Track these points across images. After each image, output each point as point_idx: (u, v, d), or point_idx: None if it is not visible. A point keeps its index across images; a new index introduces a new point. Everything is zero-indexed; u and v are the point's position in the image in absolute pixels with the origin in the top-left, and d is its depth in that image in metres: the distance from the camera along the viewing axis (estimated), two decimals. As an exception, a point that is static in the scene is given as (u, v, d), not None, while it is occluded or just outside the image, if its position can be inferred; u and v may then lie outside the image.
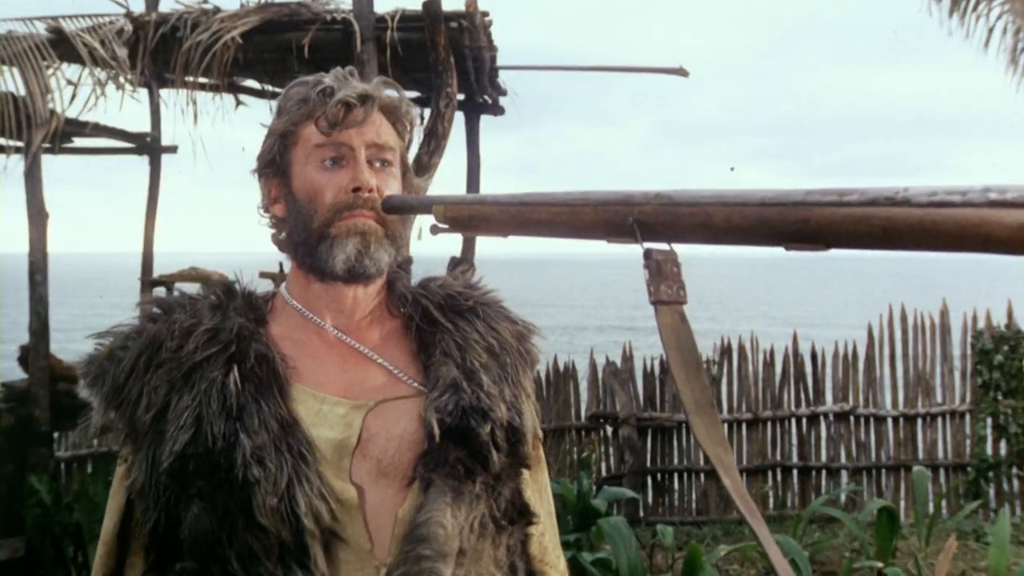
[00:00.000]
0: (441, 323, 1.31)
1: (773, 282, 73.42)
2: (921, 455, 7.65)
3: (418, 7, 4.70)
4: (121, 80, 4.92)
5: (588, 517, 4.70)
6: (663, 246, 0.89)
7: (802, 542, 4.99)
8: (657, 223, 0.87)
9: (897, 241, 0.69)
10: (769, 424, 7.93)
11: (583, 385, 8.17)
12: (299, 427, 1.18)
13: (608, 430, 7.92)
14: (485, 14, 4.85)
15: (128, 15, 5.15)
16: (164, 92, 6.24)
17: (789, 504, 7.73)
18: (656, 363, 8.11)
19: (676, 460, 8.01)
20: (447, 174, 5.75)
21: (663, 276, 0.87)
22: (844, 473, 7.79)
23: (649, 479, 7.86)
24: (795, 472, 7.87)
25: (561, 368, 8.06)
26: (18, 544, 5.10)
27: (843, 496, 7.14)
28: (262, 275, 6.57)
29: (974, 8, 7.75)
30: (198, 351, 1.20)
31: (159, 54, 5.06)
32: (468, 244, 5.86)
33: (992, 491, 7.20)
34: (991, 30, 7.71)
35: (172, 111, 5.48)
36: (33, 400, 5.36)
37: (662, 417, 8.00)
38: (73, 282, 57.67)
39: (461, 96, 5.43)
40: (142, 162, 6.95)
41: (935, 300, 7.97)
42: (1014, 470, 7.20)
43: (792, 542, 3.82)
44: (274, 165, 1.31)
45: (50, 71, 4.99)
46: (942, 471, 7.58)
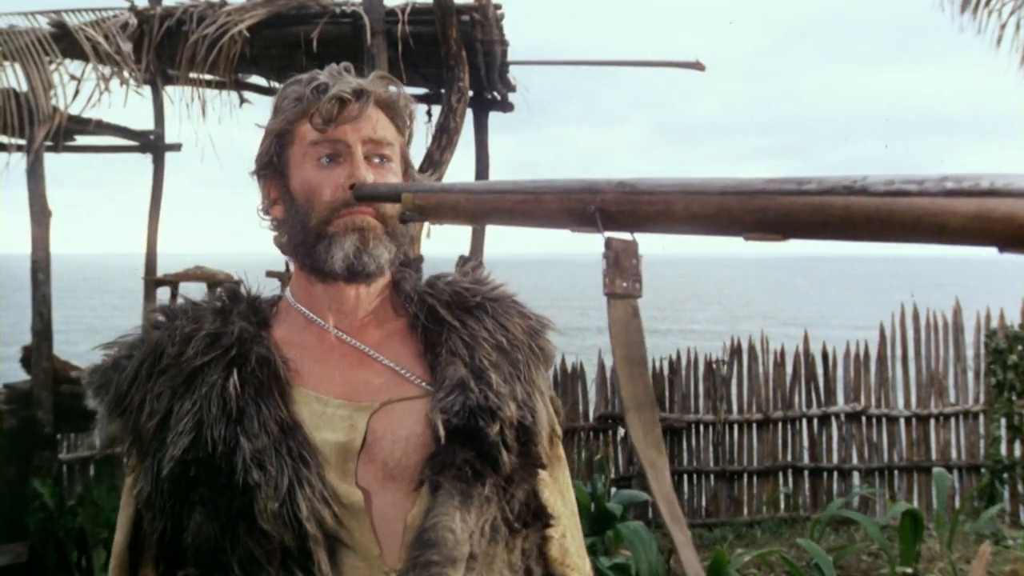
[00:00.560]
0: (448, 321, 1.27)
1: (772, 283, 73.38)
2: (934, 456, 7.56)
3: (429, 0, 4.62)
4: (125, 75, 4.81)
5: (603, 521, 4.60)
6: (625, 236, 0.86)
7: (819, 545, 4.89)
8: (619, 212, 0.85)
9: (854, 231, 0.68)
10: (780, 425, 7.85)
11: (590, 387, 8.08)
12: (300, 430, 1.16)
13: (622, 432, 7.83)
14: (498, 7, 4.76)
15: (132, 9, 5.05)
16: (168, 90, 6.13)
17: (801, 506, 7.65)
18: (665, 364, 8.03)
19: (686, 461, 7.93)
20: (454, 172, 5.67)
21: (620, 268, 0.86)
22: (856, 474, 7.71)
23: (658, 481, 7.75)
24: (806, 473, 7.79)
25: (569, 369, 7.97)
26: (21, 549, 5.01)
27: (856, 499, 7.04)
28: (268, 274, 6.49)
29: (986, 4, 7.66)
30: (198, 356, 1.19)
31: (164, 49, 4.96)
32: (477, 242, 5.78)
33: (1007, 493, 7.10)
34: (1003, 26, 7.63)
35: (177, 106, 5.38)
36: (36, 402, 5.26)
37: (671, 418, 7.91)
38: (75, 283, 57.58)
39: (470, 92, 5.34)
40: (144, 162, 6.86)
41: (938, 299, 7.89)
42: (1030, 471, 7.12)
43: (816, 547, 3.72)
44: (272, 166, 1.28)
45: (53, 66, 4.89)
46: (956, 472, 7.49)
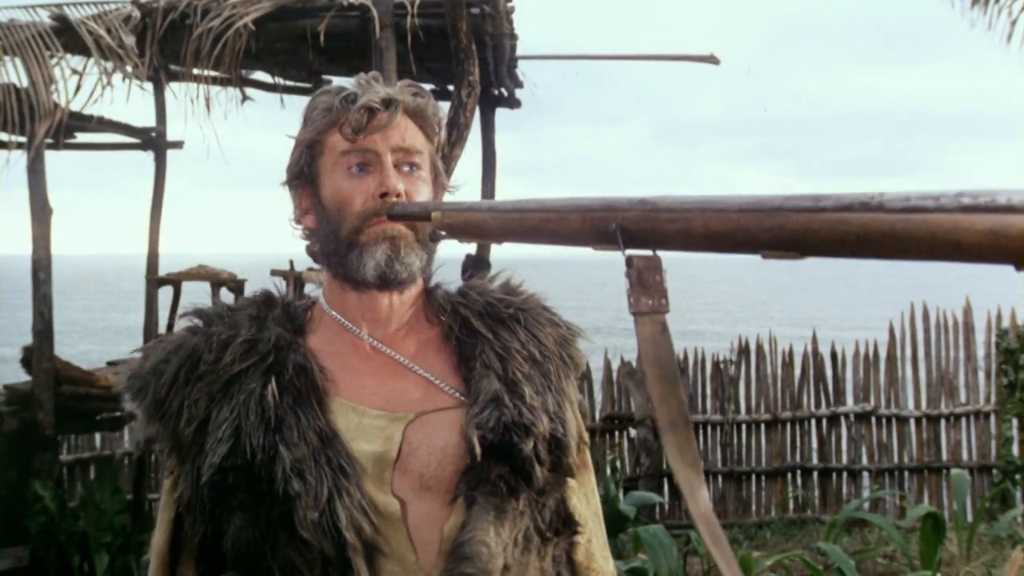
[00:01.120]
0: (481, 333, 1.28)
1: (770, 283, 73.35)
2: (945, 457, 7.49)
3: (438, -7, 4.53)
4: (128, 69, 4.71)
5: (616, 523, 4.51)
6: (647, 253, 0.86)
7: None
8: (640, 229, 0.85)
9: (871, 248, 0.68)
10: (788, 425, 7.78)
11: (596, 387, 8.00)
12: (338, 440, 1.17)
13: (631, 432, 7.75)
14: (508, 0, 4.67)
15: (135, 2, 4.95)
16: (171, 87, 6.03)
17: (810, 508, 7.57)
18: (672, 363, 7.94)
19: (693, 462, 7.83)
20: (459, 170, 5.59)
21: (644, 285, 0.86)
22: (866, 475, 7.63)
23: (665, 481, 7.67)
24: (815, 474, 7.71)
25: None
26: (22, 553, 4.92)
27: (866, 503, 6.95)
28: (273, 273, 6.41)
29: (996, 1, 7.59)
30: (236, 363, 1.20)
31: (167, 43, 4.87)
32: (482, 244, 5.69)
33: (1020, 494, 7.02)
34: (1014, 23, 7.55)
35: (182, 101, 5.28)
36: (37, 403, 5.17)
37: (678, 418, 7.82)
38: (73, 283, 57.41)
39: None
40: (143, 163, 6.78)
41: (948, 299, 7.81)
42: (1042, 472, 7.04)
43: (839, 551, 3.63)
44: (303, 176, 1.29)
45: (54, 61, 4.79)
46: (967, 473, 7.40)
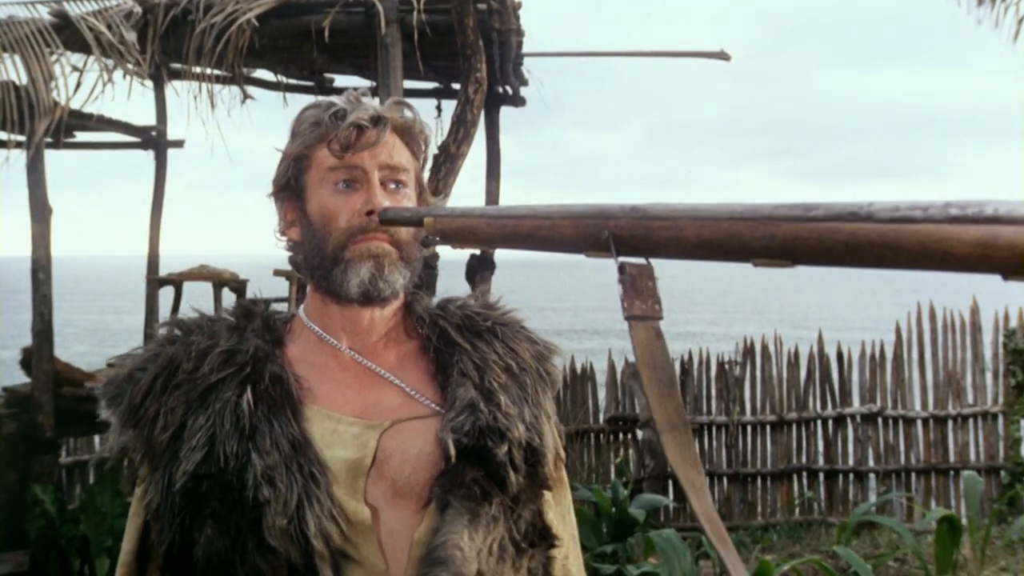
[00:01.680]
0: (459, 344, 1.30)
1: (766, 283, 73.31)
2: (952, 458, 7.43)
3: (444, -13, 4.45)
4: (129, 66, 4.63)
5: (625, 526, 4.44)
6: (639, 260, 0.88)
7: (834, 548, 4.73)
8: (632, 237, 0.86)
9: (860, 257, 0.69)
10: (794, 426, 7.71)
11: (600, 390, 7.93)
12: (311, 447, 1.18)
13: (639, 434, 7.68)
14: (515, -6, 4.60)
15: (137, -3, 4.88)
16: (171, 85, 5.95)
17: (816, 510, 7.51)
18: (676, 364, 7.88)
19: (698, 464, 7.77)
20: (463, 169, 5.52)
21: (637, 291, 0.87)
22: (873, 477, 7.57)
23: (671, 483, 7.60)
24: (821, 476, 7.65)
25: (579, 370, 7.81)
26: (22, 558, 4.85)
27: (873, 505, 6.88)
28: (276, 273, 6.34)
29: (1003, -1, 7.54)
30: (213, 372, 1.21)
31: (169, 40, 4.80)
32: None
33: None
34: (1021, 21, 7.50)
35: (184, 100, 5.20)
36: (36, 405, 5.09)
37: (683, 420, 7.75)
38: (71, 285, 57.30)
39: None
40: (142, 164, 6.71)
41: (954, 298, 7.75)
42: (1050, 474, 6.97)
43: (855, 556, 3.56)
44: (289, 188, 1.30)
45: (54, 58, 4.72)
46: (978, 475, 7.34)
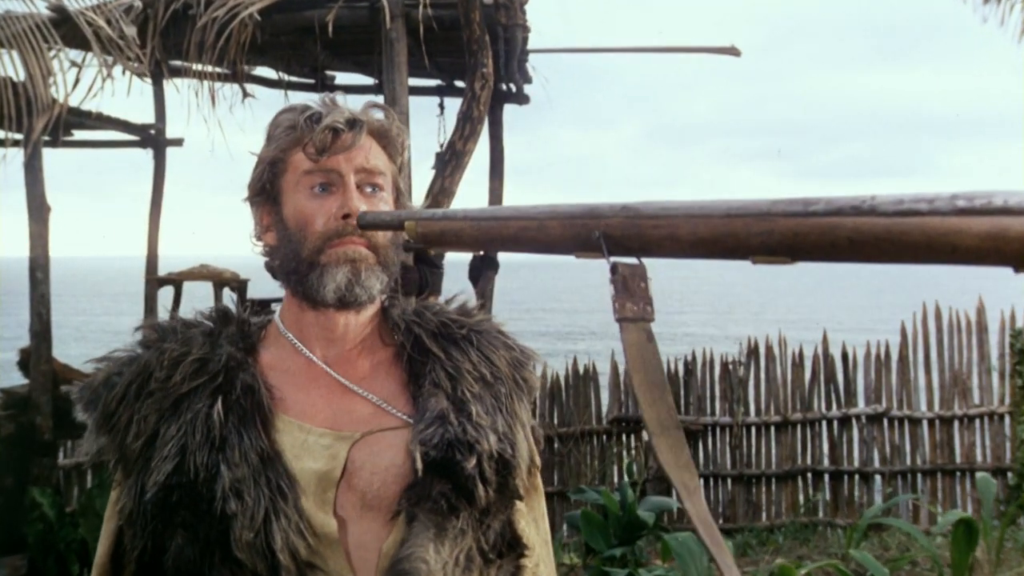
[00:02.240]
0: (433, 352, 1.29)
1: (764, 283, 73.33)
2: (959, 459, 7.38)
3: (451, -20, 4.38)
4: (129, 59, 4.55)
5: (634, 529, 4.37)
6: (631, 260, 0.86)
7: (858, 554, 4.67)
8: (624, 236, 0.84)
9: (864, 252, 0.67)
10: (799, 427, 7.65)
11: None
12: (280, 460, 1.18)
13: (644, 435, 7.61)
14: (523, -11, 4.53)
15: (137, -9, 4.79)
16: (173, 82, 5.86)
17: (822, 511, 7.45)
18: (680, 364, 7.82)
19: (701, 465, 7.72)
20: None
21: (629, 293, 0.85)
22: (878, 478, 7.51)
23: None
24: (827, 477, 7.59)
25: (581, 370, 7.74)
26: (19, 562, 4.78)
27: (888, 507, 6.81)
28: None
29: (1009, -4, 7.50)
30: (185, 382, 1.22)
31: (170, 35, 4.72)
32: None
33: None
34: (1027, 18, 7.46)
35: (184, 96, 5.12)
36: (34, 407, 5.02)
37: (687, 421, 7.70)
38: (67, 286, 57.09)
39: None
40: (139, 166, 6.64)
41: (953, 299, 7.69)
42: (1058, 474, 6.92)
43: (872, 560, 3.50)
44: (264, 193, 1.30)
45: (52, 53, 4.64)
46: (991, 476, 7.28)
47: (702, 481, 7.70)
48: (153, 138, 6.55)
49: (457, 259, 5.94)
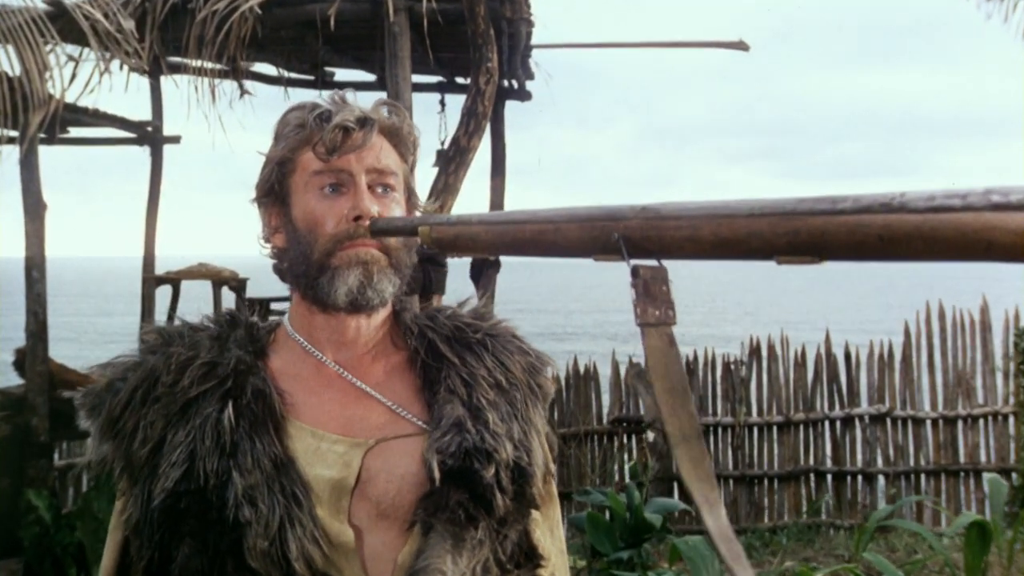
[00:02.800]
0: (447, 357, 1.26)
1: (759, 283, 73.40)
2: (963, 459, 7.33)
3: (454, -25, 4.31)
4: (126, 54, 4.47)
5: (641, 532, 4.31)
6: (652, 263, 0.84)
7: (868, 556, 4.61)
8: (644, 238, 0.82)
9: (894, 250, 0.66)
10: (801, 427, 7.60)
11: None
12: (294, 467, 1.15)
13: (650, 436, 7.55)
14: (527, -18, 4.46)
15: (135, -15, 4.71)
16: (172, 79, 5.78)
17: (824, 512, 7.39)
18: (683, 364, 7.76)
19: (704, 466, 7.66)
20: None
21: (651, 296, 0.83)
22: (881, 478, 7.46)
23: (676, 485, 7.47)
24: (829, 477, 7.54)
25: (582, 370, 7.68)
26: (15, 566, 4.71)
27: (891, 509, 6.76)
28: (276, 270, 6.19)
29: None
30: (193, 386, 1.18)
31: (168, 30, 4.64)
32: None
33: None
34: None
35: (184, 92, 5.04)
36: (30, 408, 4.95)
37: (689, 421, 7.64)
38: (61, 286, 56.91)
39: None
40: (134, 165, 6.57)
41: (956, 298, 7.65)
42: (1062, 475, 6.87)
43: (887, 563, 3.43)
44: (273, 194, 1.27)
45: (48, 47, 4.56)
46: (985, 476, 7.24)
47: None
48: (150, 135, 6.48)
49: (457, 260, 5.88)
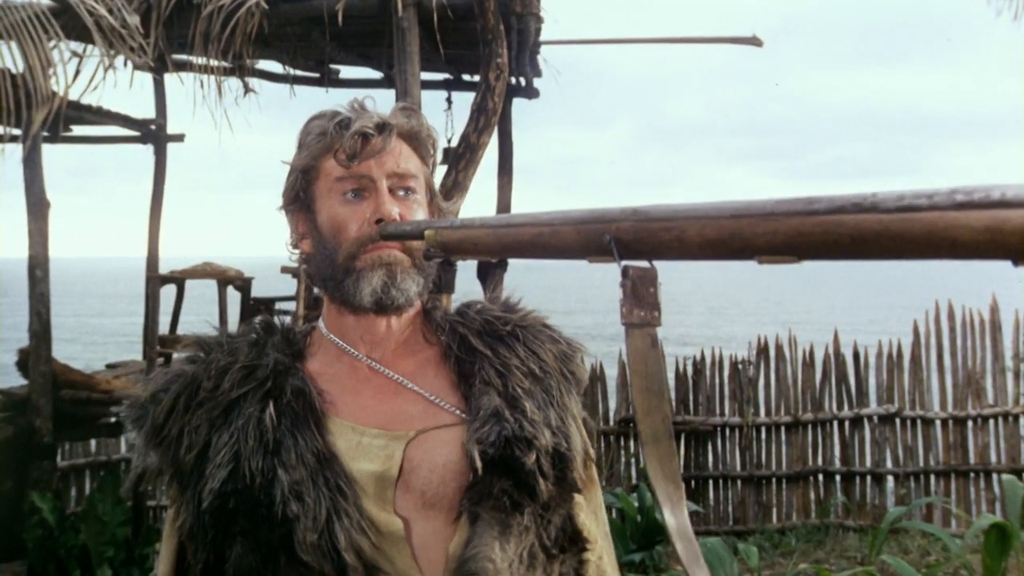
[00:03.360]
0: (479, 350, 1.29)
1: (757, 283, 73.34)
2: (973, 460, 7.27)
3: (463, -31, 4.24)
4: (131, 50, 4.40)
5: (653, 534, 4.24)
6: (643, 264, 0.86)
7: (877, 557, 4.55)
8: (634, 240, 0.85)
9: (866, 249, 0.68)
10: (810, 428, 7.55)
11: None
12: (337, 461, 1.18)
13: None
14: (537, -22, 4.39)
15: (139, -20, 4.64)
16: (177, 76, 5.72)
17: (832, 513, 7.34)
18: (689, 364, 7.71)
19: (711, 466, 7.62)
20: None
21: (637, 297, 0.85)
22: (891, 479, 7.41)
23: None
24: (838, 478, 7.48)
25: (588, 371, 7.62)
26: (19, 568, 4.64)
27: (905, 511, 6.70)
28: (284, 270, 6.15)
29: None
30: (234, 388, 1.22)
31: (174, 25, 4.58)
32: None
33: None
34: (1040, 12, 7.37)
35: (191, 87, 4.97)
36: (34, 409, 4.87)
37: (696, 421, 7.60)
38: (61, 286, 56.89)
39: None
40: (137, 165, 6.52)
41: (966, 298, 7.59)
42: (1073, 475, 6.81)
43: (907, 566, 3.37)
44: (299, 201, 1.31)
45: (52, 43, 4.49)
46: (995, 477, 7.19)
47: (711, 483, 7.60)
48: (154, 134, 6.42)
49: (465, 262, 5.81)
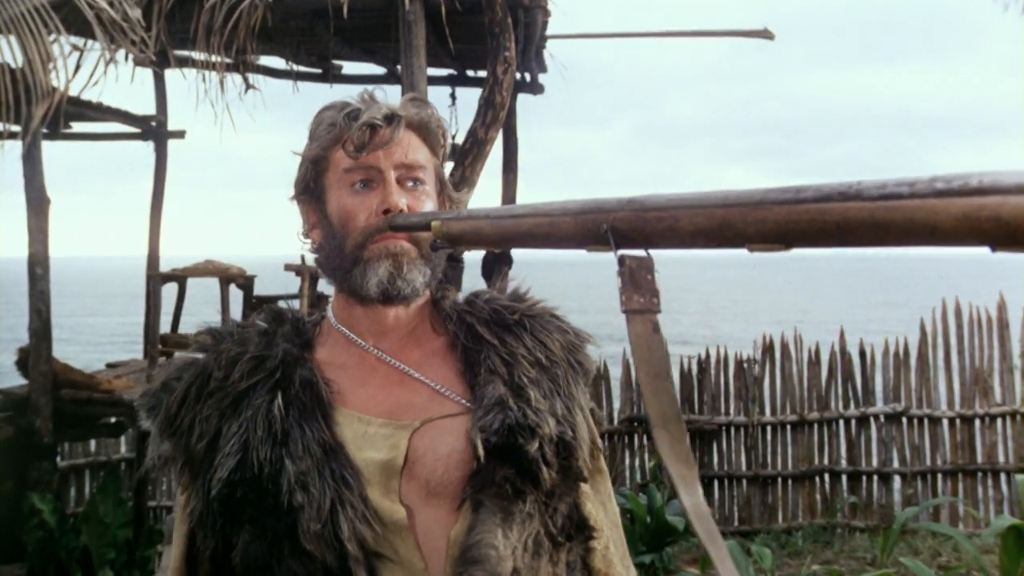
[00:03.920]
0: (487, 339, 1.30)
1: (755, 283, 73.29)
2: (980, 459, 7.22)
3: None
4: (132, 43, 4.33)
5: (663, 535, 4.18)
6: (639, 253, 0.88)
7: (890, 558, 4.50)
8: (630, 229, 0.87)
9: (851, 237, 0.69)
10: (816, 427, 7.49)
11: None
12: (343, 451, 1.19)
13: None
14: (545, -29, 4.32)
15: (141, -27, 4.57)
16: (180, 72, 5.64)
17: (839, 512, 7.28)
18: (694, 363, 7.66)
19: (716, 466, 7.56)
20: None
21: (636, 284, 0.87)
22: (897, 478, 7.35)
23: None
24: (844, 477, 7.43)
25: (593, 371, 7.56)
26: (19, 571, 4.58)
27: (918, 511, 6.65)
28: (287, 268, 6.09)
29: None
30: (244, 379, 1.23)
31: (175, 19, 4.51)
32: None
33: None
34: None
35: (193, 83, 4.90)
36: (34, 409, 4.80)
37: (701, 420, 7.54)
38: (59, 286, 56.79)
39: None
40: (136, 164, 6.45)
41: (973, 295, 7.54)
42: (1082, 474, 6.75)
43: (925, 568, 3.31)
44: (309, 191, 1.32)
45: (52, 38, 4.42)
46: (1003, 476, 7.14)
47: (717, 482, 7.54)
48: (154, 130, 6.35)
49: (473, 255, 5.76)
